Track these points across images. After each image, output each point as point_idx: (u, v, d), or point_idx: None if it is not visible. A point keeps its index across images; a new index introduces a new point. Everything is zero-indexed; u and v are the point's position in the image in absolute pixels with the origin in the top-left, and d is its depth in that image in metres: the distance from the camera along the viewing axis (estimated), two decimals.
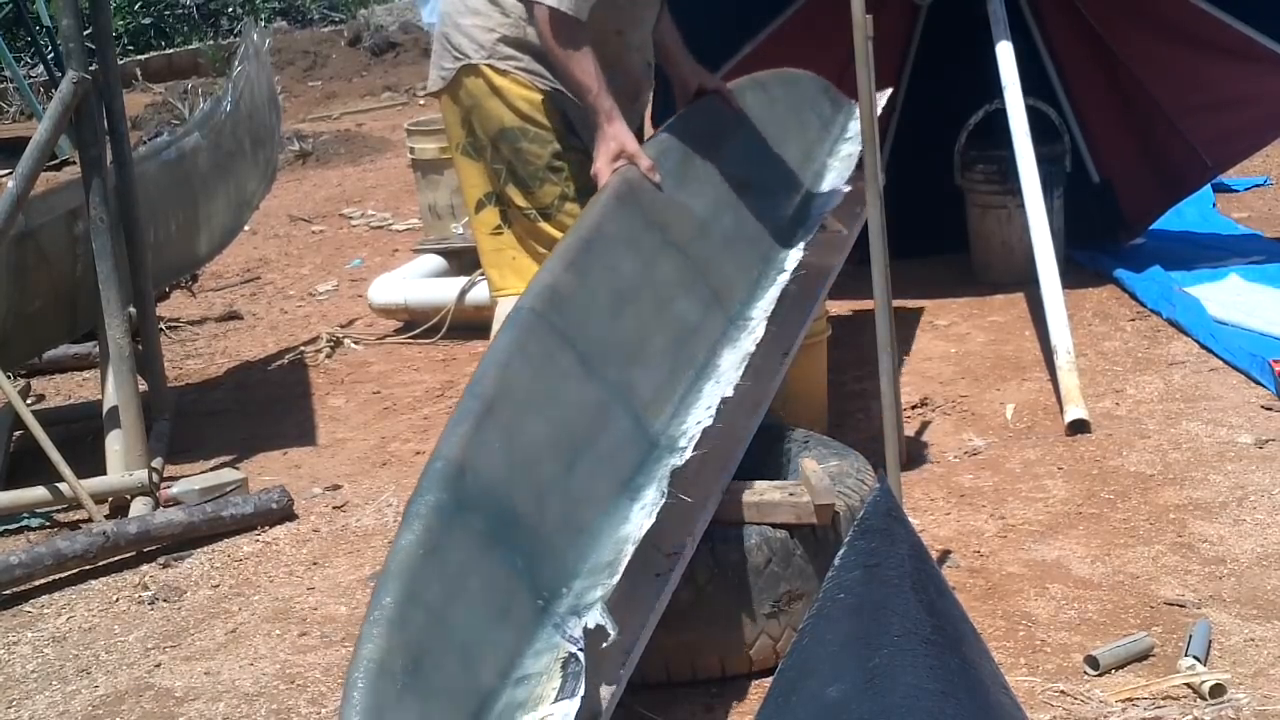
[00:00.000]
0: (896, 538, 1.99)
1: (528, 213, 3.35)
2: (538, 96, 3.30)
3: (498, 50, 3.30)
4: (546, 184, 3.32)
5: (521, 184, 3.34)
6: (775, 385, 3.25)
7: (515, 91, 3.30)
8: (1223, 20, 5.27)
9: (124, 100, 4.67)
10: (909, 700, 1.69)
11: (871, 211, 3.32)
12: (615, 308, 2.87)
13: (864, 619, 1.86)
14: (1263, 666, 2.81)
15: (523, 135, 3.31)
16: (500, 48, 3.30)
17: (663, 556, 2.51)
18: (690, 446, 2.70)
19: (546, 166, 3.32)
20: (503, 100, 3.31)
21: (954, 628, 1.89)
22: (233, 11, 16.13)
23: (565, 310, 2.74)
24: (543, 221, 3.34)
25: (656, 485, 2.56)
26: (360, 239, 7.70)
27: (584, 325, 2.75)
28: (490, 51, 3.31)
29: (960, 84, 5.58)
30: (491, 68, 3.31)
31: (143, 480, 4.07)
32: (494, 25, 3.30)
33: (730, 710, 2.80)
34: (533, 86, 3.31)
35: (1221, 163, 5.87)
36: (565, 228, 3.27)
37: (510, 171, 3.34)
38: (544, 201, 3.33)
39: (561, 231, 3.29)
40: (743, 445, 2.98)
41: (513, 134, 3.32)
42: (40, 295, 4.45)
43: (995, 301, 5.45)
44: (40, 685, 3.19)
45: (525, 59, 3.30)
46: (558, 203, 3.32)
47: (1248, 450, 3.85)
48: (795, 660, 1.89)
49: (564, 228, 3.28)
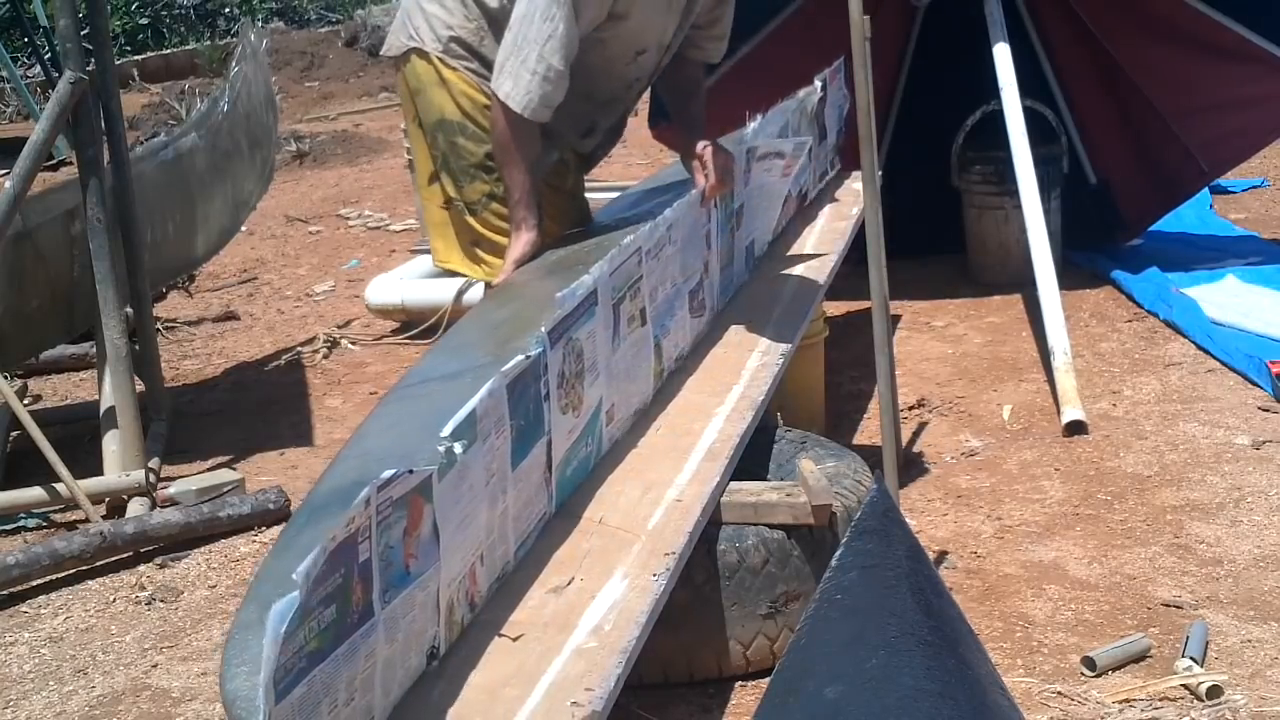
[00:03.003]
0: (894, 539, 1.99)
1: (456, 203, 3.37)
2: (483, 99, 3.30)
3: (451, 49, 3.31)
4: (477, 181, 3.32)
5: (453, 175, 3.35)
6: (772, 386, 3.25)
7: (461, 88, 3.31)
8: (1220, 22, 5.28)
9: (121, 100, 4.67)
10: (906, 701, 1.69)
11: (869, 212, 3.33)
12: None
13: (861, 620, 1.86)
14: (1260, 667, 2.81)
15: (461, 130, 3.31)
16: (453, 46, 3.31)
17: (660, 557, 2.51)
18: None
19: (478, 165, 3.32)
20: (448, 91, 3.31)
21: (951, 628, 1.89)
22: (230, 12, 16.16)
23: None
24: (469, 216, 3.36)
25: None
26: (357, 239, 7.70)
27: None
28: (444, 47, 3.31)
29: (957, 85, 5.59)
30: (442, 61, 3.31)
31: (140, 481, 4.07)
32: (453, 24, 3.30)
33: (727, 711, 2.80)
34: (479, 89, 3.30)
35: (1218, 166, 5.88)
36: (489, 225, 3.33)
37: (445, 161, 3.35)
38: (471, 197, 3.34)
39: (485, 229, 3.34)
40: (740, 446, 2.98)
41: (451, 126, 3.32)
42: (37, 295, 4.45)
43: (992, 302, 5.45)
44: (37, 685, 3.19)
45: (475, 64, 3.30)
46: (484, 200, 3.33)
47: (1245, 451, 3.85)
48: (792, 661, 1.89)
49: (488, 225, 3.34)
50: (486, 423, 2.17)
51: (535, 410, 2.39)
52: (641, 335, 2.97)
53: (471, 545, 2.17)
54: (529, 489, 2.42)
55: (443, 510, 2.01)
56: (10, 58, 11.44)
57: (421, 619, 1.99)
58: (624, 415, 2.92)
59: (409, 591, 1.91)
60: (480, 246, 3.37)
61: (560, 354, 2.51)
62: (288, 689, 1.63)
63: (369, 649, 1.82)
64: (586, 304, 2.64)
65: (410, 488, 1.89)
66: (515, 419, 2.29)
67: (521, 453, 2.33)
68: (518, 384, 2.30)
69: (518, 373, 2.30)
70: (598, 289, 2.69)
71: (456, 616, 2.14)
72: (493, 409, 2.19)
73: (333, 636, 1.73)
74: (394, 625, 1.89)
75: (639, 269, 2.92)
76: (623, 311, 2.84)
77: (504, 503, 2.29)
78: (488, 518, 2.22)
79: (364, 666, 1.81)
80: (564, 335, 2.53)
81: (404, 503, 1.88)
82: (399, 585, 1.88)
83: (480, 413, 2.14)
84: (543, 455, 2.46)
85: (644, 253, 2.95)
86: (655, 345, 3.07)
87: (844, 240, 4.33)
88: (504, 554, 2.33)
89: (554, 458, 2.51)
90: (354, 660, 1.78)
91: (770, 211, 4.03)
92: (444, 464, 2.01)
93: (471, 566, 2.18)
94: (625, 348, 2.88)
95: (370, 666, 1.83)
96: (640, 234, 2.94)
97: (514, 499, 2.33)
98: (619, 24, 3.17)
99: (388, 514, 1.83)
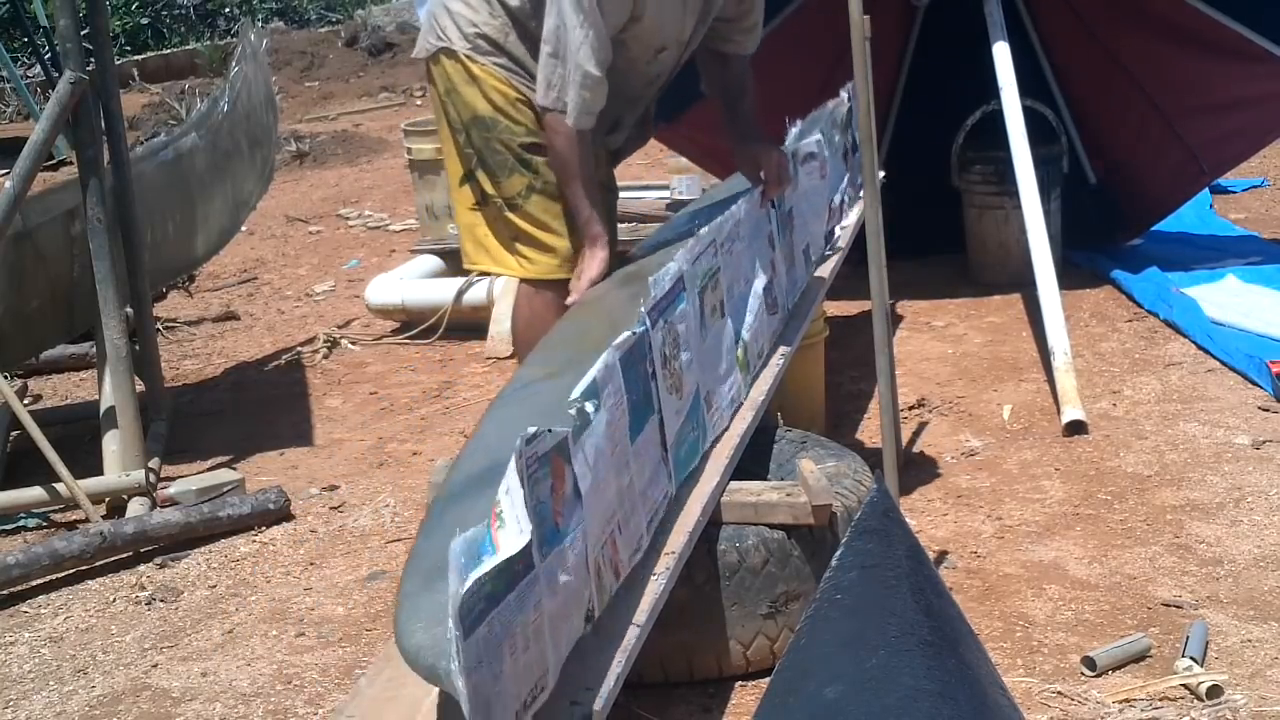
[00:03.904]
0: (894, 538, 1.99)
1: (495, 201, 3.36)
2: (513, 93, 3.31)
3: (479, 45, 3.31)
4: (515, 175, 3.32)
5: (490, 172, 3.35)
6: (772, 386, 3.25)
7: (491, 83, 3.31)
8: (1220, 21, 5.28)
9: (121, 100, 4.67)
10: (906, 701, 1.69)
11: (869, 212, 3.33)
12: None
13: (861, 620, 1.86)
14: (1260, 667, 2.81)
15: (494, 125, 3.31)
16: (480, 43, 3.31)
17: (660, 556, 2.51)
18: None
19: (516, 158, 3.32)
20: (479, 88, 3.32)
21: (951, 628, 1.89)
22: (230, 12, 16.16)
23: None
24: (509, 211, 3.35)
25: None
26: (357, 239, 7.70)
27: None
28: (472, 45, 3.32)
29: (957, 85, 5.59)
30: (470, 58, 3.32)
31: (140, 481, 4.07)
32: (477, 21, 3.30)
33: (727, 711, 2.80)
34: (508, 84, 3.31)
35: (1218, 166, 5.89)
36: (531, 219, 3.32)
37: (480, 159, 3.35)
38: (510, 192, 3.33)
39: (527, 222, 3.33)
40: (740, 446, 2.98)
41: (485, 123, 3.32)
42: (37, 295, 4.45)
43: (992, 302, 5.45)
44: (37, 685, 3.19)
45: (503, 59, 3.31)
46: (524, 193, 3.32)
47: (1245, 451, 3.85)
48: (792, 661, 1.89)
49: (530, 219, 3.32)
50: (606, 393, 2.27)
51: (644, 388, 2.49)
52: (722, 327, 3.02)
53: (607, 512, 2.26)
54: (649, 466, 2.50)
55: (580, 471, 2.12)
56: (10, 58, 11.45)
57: (577, 579, 2.09)
58: (720, 405, 2.97)
59: (562, 549, 2.03)
60: (520, 241, 3.36)
61: (660, 335, 2.60)
62: (473, 625, 1.72)
63: (535, 599, 1.91)
64: (676, 289, 2.73)
65: (551, 446, 2.01)
66: (630, 394, 2.39)
67: (637, 428, 2.43)
68: (629, 359, 2.40)
69: (628, 346, 2.41)
70: (684, 276, 2.77)
71: (605, 582, 2.23)
72: (610, 380, 2.30)
73: (505, 582, 1.82)
74: (553, 579, 1.99)
75: (715, 260, 2.99)
76: (706, 301, 2.91)
77: (629, 474, 2.38)
78: (617, 487, 2.32)
79: (534, 617, 1.91)
80: (661, 317, 2.62)
81: (547, 459, 1.99)
82: (552, 542, 2.00)
83: (600, 381, 2.25)
84: (655, 433, 2.55)
85: (718, 245, 3.01)
86: (738, 339, 3.11)
87: (844, 240, 4.32)
88: (637, 527, 2.41)
89: (667, 437, 2.60)
90: (524, 608, 1.87)
91: (819, 215, 4.04)
92: (577, 426, 2.12)
93: (610, 534, 2.27)
94: (711, 337, 2.94)
95: (539, 618, 1.92)
96: (713, 226, 3.01)
97: (637, 473, 2.42)
98: (636, 25, 3.19)
99: (535, 469, 1.95)
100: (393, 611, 2.03)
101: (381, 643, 3.14)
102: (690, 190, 6.16)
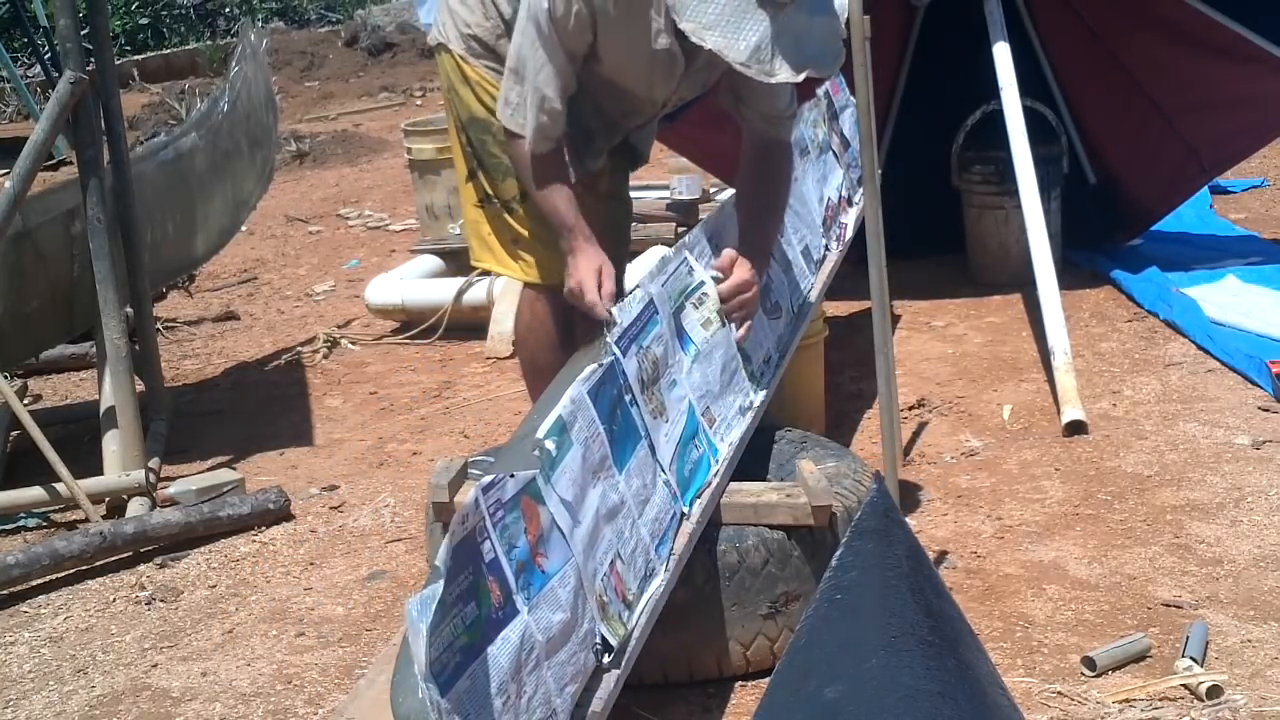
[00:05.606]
0: (893, 539, 1.99)
1: (494, 201, 3.35)
2: None
3: (471, 47, 3.31)
4: (509, 178, 3.30)
5: (488, 172, 3.34)
6: (772, 386, 3.25)
7: (484, 86, 3.30)
8: (1220, 22, 5.28)
9: (121, 100, 4.67)
10: (906, 701, 1.69)
11: (869, 212, 3.32)
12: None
13: (861, 620, 1.85)
14: (1260, 667, 2.81)
15: (487, 128, 3.30)
16: (473, 45, 3.30)
17: (660, 557, 2.51)
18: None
19: (507, 165, 3.31)
20: (472, 90, 3.31)
21: (951, 629, 1.89)
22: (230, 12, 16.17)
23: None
24: (506, 214, 3.34)
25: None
26: (357, 239, 7.70)
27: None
28: (466, 46, 3.31)
29: (957, 85, 5.59)
30: (463, 59, 3.31)
31: (140, 480, 4.07)
32: (471, 23, 3.29)
33: (727, 711, 2.80)
34: (499, 86, 3.30)
35: (1218, 165, 5.88)
36: (528, 223, 3.30)
37: (479, 159, 3.35)
38: (506, 195, 3.32)
39: (522, 226, 3.31)
40: (740, 446, 2.98)
41: (479, 124, 3.31)
42: (37, 295, 4.45)
43: (992, 302, 5.45)
44: (37, 685, 3.19)
45: (493, 62, 3.29)
46: (520, 197, 3.31)
47: (1245, 451, 3.85)
48: (792, 661, 1.89)
49: (524, 223, 3.31)
50: (577, 429, 2.31)
51: (625, 416, 2.52)
52: (722, 337, 3.04)
53: (601, 543, 2.28)
54: (647, 490, 2.52)
55: (555, 510, 2.14)
56: (10, 58, 11.45)
57: (572, 614, 2.10)
58: (727, 415, 2.98)
59: (550, 588, 2.05)
60: (520, 244, 3.35)
61: (635, 362, 2.62)
62: (450, 681, 1.75)
63: (528, 645, 1.93)
64: (647, 313, 2.76)
65: (518, 490, 2.04)
66: (609, 423, 2.43)
67: (625, 456, 2.47)
68: (599, 391, 2.44)
69: (595, 380, 2.44)
70: (654, 299, 2.79)
71: (612, 612, 2.23)
72: (579, 414, 2.34)
73: (482, 632, 1.84)
74: (544, 620, 2.01)
75: (691, 278, 3.01)
76: (689, 317, 2.94)
77: (622, 502, 2.41)
78: (609, 516, 2.34)
79: (527, 661, 1.93)
80: (634, 343, 2.65)
81: (515, 504, 2.03)
82: (538, 584, 2.03)
83: (568, 417, 2.29)
84: (649, 458, 2.57)
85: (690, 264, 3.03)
86: (739, 352, 3.11)
87: (844, 240, 4.33)
88: (643, 551, 2.44)
89: (662, 460, 2.62)
90: (513, 655, 1.90)
91: (810, 212, 4.02)
92: (545, 462, 2.15)
93: (611, 564, 2.30)
94: (706, 350, 2.95)
95: (534, 661, 1.95)
96: (684, 241, 3.04)
97: (633, 499, 2.45)
98: (598, 65, 3.13)
99: (501, 516, 1.97)
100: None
101: (381, 643, 3.14)
102: (690, 190, 6.15)
